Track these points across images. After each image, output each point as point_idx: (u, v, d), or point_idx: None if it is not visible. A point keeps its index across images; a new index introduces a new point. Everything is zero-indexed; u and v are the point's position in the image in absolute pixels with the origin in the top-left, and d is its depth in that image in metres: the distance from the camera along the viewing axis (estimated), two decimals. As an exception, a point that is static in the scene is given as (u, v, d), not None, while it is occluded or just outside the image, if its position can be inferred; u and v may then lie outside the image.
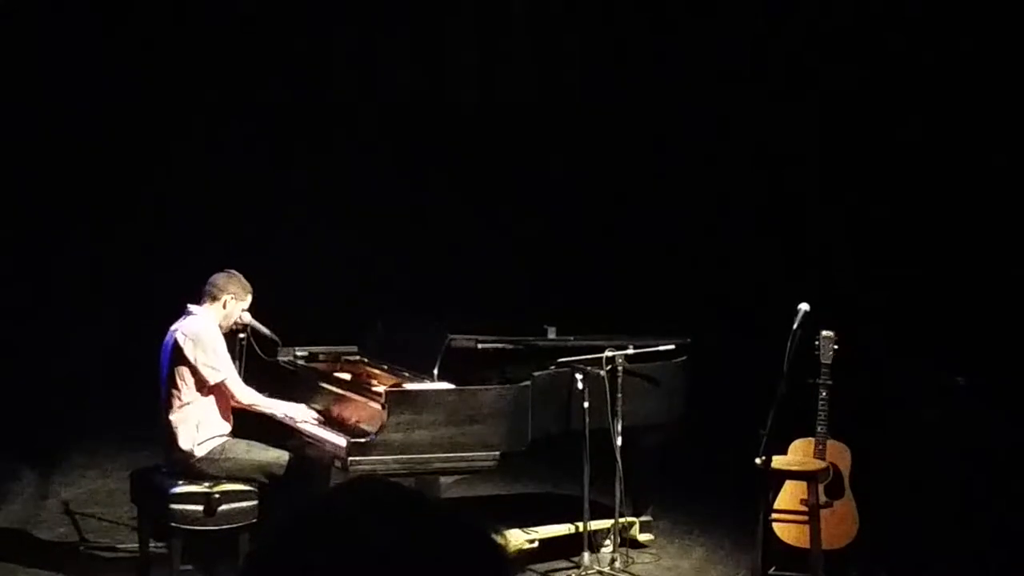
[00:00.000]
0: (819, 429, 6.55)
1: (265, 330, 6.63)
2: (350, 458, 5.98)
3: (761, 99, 9.92)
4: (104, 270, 10.31)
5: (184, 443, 6.20)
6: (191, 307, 6.33)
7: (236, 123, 10.66)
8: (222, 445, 6.24)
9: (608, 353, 6.61)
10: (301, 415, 6.46)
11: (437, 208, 10.67)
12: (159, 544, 6.30)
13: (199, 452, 6.20)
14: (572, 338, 6.90)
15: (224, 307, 6.36)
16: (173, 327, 6.31)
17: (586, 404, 6.51)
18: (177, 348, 6.22)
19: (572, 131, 10.56)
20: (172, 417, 6.23)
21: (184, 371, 6.22)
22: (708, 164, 10.14)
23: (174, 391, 6.23)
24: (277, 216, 10.67)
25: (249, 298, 6.44)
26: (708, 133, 10.13)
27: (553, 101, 10.69)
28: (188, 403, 6.23)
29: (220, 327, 6.34)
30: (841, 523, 6.57)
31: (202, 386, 6.23)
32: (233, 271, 6.45)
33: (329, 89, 11.00)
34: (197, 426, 6.22)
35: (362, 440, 6.04)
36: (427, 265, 10.37)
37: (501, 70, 10.88)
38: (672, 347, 7.00)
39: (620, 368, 6.60)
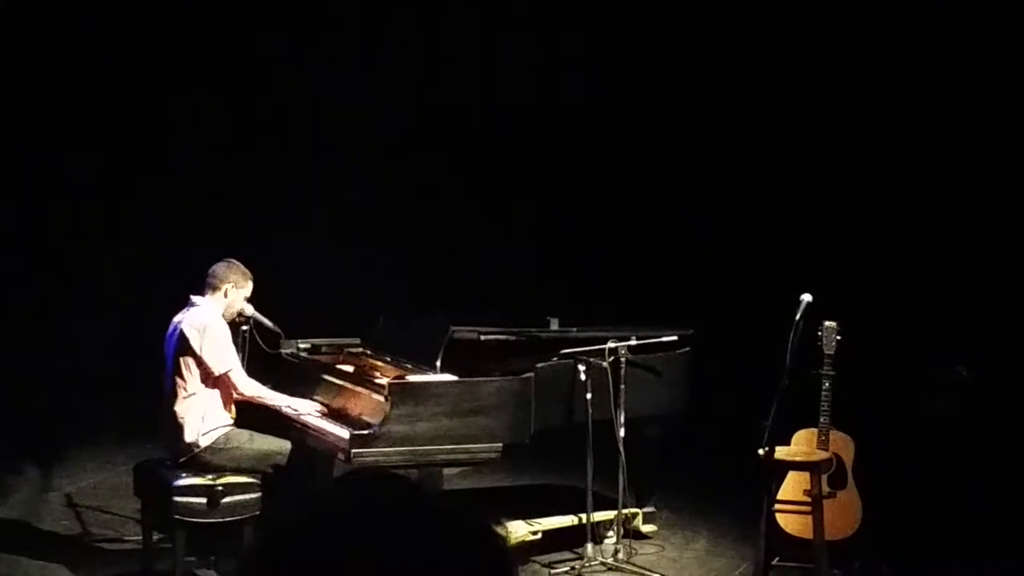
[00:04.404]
0: (822, 419, 6.54)
1: (268, 322, 6.64)
2: (353, 450, 5.98)
3: (762, 93, 9.91)
4: (107, 264, 10.32)
5: (189, 434, 6.20)
6: (194, 298, 6.34)
7: (240, 120, 10.66)
8: (226, 435, 6.24)
9: (611, 344, 6.61)
10: (304, 407, 6.47)
11: (440, 201, 10.66)
12: (162, 536, 6.30)
13: (203, 442, 6.20)
14: (575, 329, 6.89)
15: (225, 296, 6.36)
16: (177, 319, 6.31)
17: (589, 395, 6.51)
18: (183, 339, 6.22)
19: (574, 127, 10.54)
20: (177, 408, 6.23)
21: (190, 362, 6.21)
22: (711, 155, 10.13)
23: (180, 381, 6.23)
24: (280, 209, 10.67)
25: (250, 285, 6.43)
26: (709, 126, 10.11)
27: (555, 96, 10.67)
28: (193, 394, 6.23)
29: (223, 317, 6.34)
30: (844, 513, 6.56)
31: (207, 377, 6.23)
32: (232, 260, 6.44)
33: (330, 87, 11.00)
34: (203, 417, 6.22)
35: (365, 432, 6.04)
36: (430, 257, 10.37)
37: (501, 70, 10.88)
38: (675, 338, 6.99)
39: (623, 359, 6.60)
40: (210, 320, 6.25)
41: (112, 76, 10.55)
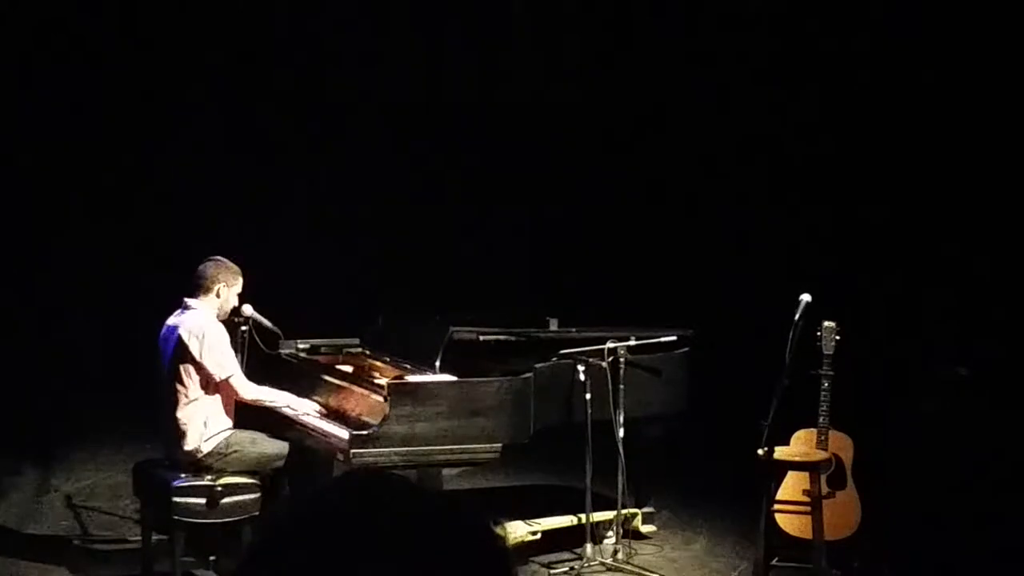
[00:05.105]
0: (821, 420, 6.54)
1: (267, 323, 6.62)
2: (352, 451, 5.97)
3: (761, 93, 9.91)
4: (104, 263, 10.31)
5: (192, 440, 6.16)
6: (188, 300, 6.28)
7: (238, 118, 10.65)
8: (227, 440, 6.21)
9: (610, 344, 6.61)
10: (304, 408, 6.45)
11: (439, 201, 10.66)
12: (161, 537, 6.30)
13: (205, 448, 6.17)
14: (574, 330, 6.89)
15: (218, 296, 6.30)
16: (172, 322, 6.27)
17: (588, 396, 6.51)
18: (182, 345, 6.16)
19: (573, 127, 10.55)
20: (179, 415, 6.18)
21: (190, 368, 6.16)
22: (709, 155, 10.13)
23: (180, 388, 6.17)
24: (279, 209, 10.67)
25: (240, 280, 6.38)
26: (708, 126, 10.12)
27: (555, 96, 10.68)
28: (194, 400, 6.19)
29: (218, 316, 6.31)
30: (843, 514, 6.56)
31: (208, 383, 6.19)
32: (219, 258, 6.37)
33: (331, 86, 11.00)
34: (205, 423, 6.18)
35: (364, 432, 6.04)
36: (429, 257, 10.37)
37: (501, 70, 10.88)
38: (674, 338, 6.99)
39: (622, 359, 6.60)
40: (208, 325, 6.20)
41: (113, 71, 10.54)
